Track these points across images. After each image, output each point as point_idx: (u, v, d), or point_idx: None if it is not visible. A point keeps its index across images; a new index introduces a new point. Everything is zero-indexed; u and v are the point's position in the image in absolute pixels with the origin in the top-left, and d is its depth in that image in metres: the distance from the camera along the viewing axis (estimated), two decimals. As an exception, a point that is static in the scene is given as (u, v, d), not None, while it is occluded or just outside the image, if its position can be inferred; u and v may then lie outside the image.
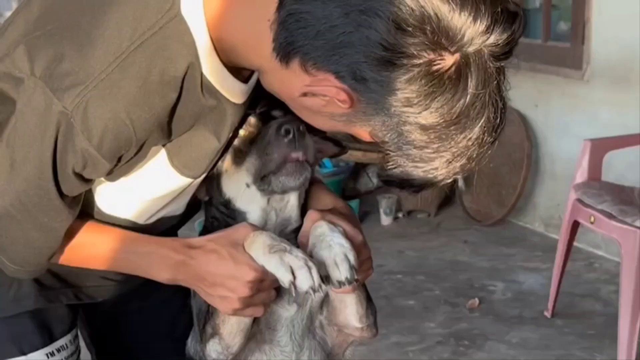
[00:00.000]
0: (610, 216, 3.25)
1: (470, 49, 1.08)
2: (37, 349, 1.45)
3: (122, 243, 1.35)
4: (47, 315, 1.47)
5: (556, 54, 4.56)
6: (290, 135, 1.34)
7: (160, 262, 1.34)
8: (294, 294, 1.30)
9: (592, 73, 4.33)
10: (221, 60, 1.22)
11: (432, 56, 1.07)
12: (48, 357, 1.46)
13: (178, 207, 1.44)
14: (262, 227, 1.38)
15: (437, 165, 1.16)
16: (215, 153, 1.33)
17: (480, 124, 1.13)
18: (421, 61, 1.06)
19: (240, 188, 1.42)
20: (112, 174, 1.27)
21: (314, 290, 1.27)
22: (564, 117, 4.55)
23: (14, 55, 1.20)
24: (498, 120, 1.15)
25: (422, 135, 1.12)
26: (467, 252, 4.55)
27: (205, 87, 1.22)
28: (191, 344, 1.53)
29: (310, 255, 1.32)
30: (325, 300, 1.49)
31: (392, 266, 4.31)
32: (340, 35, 1.08)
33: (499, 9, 1.08)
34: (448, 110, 1.10)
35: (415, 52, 1.06)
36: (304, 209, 1.47)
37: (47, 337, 1.46)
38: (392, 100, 1.10)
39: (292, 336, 1.49)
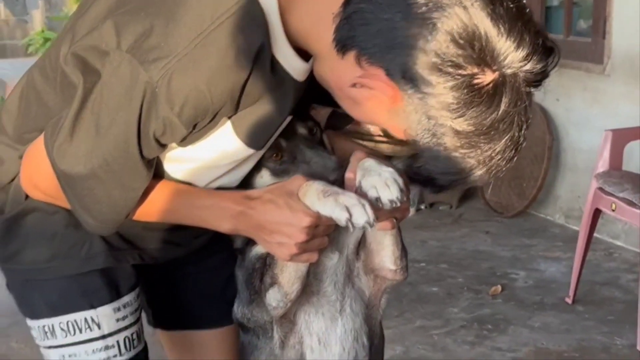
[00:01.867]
0: (631, 204, 3.35)
1: (509, 71, 1.21)
2: (105, 304, 1.56)
3: (189, 198, 1.46)
4: (115, 274, 1.58)
5: (577, 48, 4.66)
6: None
7: (222, 214, 1.45)
8: (351, 230, 1.41)
9: (613, 67, 4.43)
10: (289, 41, 1.33)
11: (475, 70, 1.20)
12: (114, 312, 1.57)
13: (235, 179, 1.54)
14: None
15: (460, 169, 1.29)
16: (275, 126, 1.44)
17: (505, 139, 1.26)
18: (466, 72, 1.19)
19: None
20: (184, 141, 1.38)
21: (370, 225, 1.37)
22: (584, 111, 4.65)
23: (102, 29, 1.31)
24: (521, 139, 1.28)
25: (453, 139, 1.24)
26: (488, 242, 4.65)
27: (274, 65, 1.33)
28: (238, 309, 1.64)
29: (360, 187, 1.43)
30: (362, 247, 1.60)
31: (415, 255, 4.41)
32: (399, 37, 1.20)
33: (539, 42, 1.23)
34: (481, 120, 1.23)
35: (462, 64, 1.19)
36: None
37: (115, 294, 1.58)
38: (434, 103, 1.22)
39: (335, 285, 1.60)
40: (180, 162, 1.46)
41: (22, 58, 7.49)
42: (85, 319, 1.54)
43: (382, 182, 1.42)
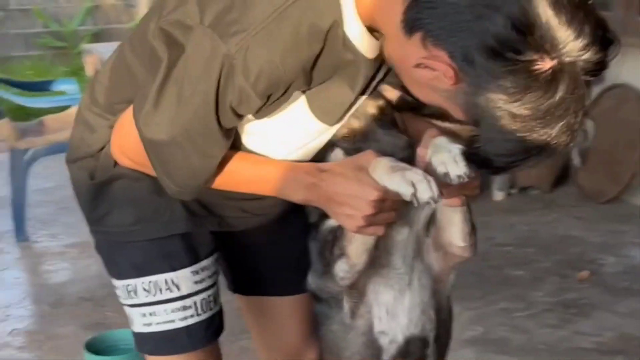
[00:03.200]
0: None
1: (567, 59, 1.25)
2: (184, 267, 1.66)
3: (264, 168, 1.54)
4: (194, 239, 1.67)
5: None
6: None
7: (295, 184, 1.52)
8: (416, 205, 1.46)
9: None
10: (360, 20, 1.39)
11: (535, 57, 1.24)
12: (193, 275, 1.67)
13: (308, 155, 1.61)
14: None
15: (516, 152, 1.33)
16: (349, 103, 1.50)
17: (560, 125, 1.29)
18: (525, 58, 1.24)
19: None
20: (259, 112, 1.46)
21: (434, 200, 1.43)
22: (682, 96, 4.54)
23: (186, 6, 1.40)
24: (576, 125, 1.31)
25: (510, 122, 1.29)
26: (579, 227, 4.60)
27: (346, 42, 1.39)
28: (311, 280, 1.72)
29: (430, 163, 1.48)
30: (431, 222, 1.66)
31: (502, 239, 4.40)
32: (463, 21, 1.25)
33: (600, 33, 1.26)
34: (537, 105, 1.27)
35: (522, 49, 1.23)
36: None
37: (194, 258, 1.67)
38: (493, 86, 1.27)
39: (404, 259, 1.66)
40: (257, 135, 1.54)
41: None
42: (166, 280, 1.64)
43: (451, 158, 1.46)
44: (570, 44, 1.24)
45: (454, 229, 1.64)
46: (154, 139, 1.44)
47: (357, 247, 1.59)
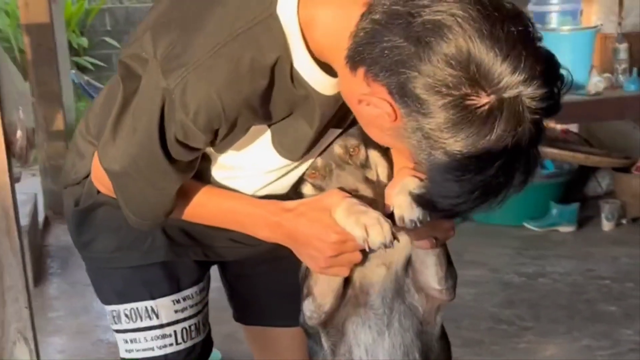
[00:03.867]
0: None
1: (506, 95, 1.21)
2: (164, 295, 1.70)
3: (230, 204, 1.56)
4: (176, 268, 1.71)
5: None
6: None
7: (260, 222, 1.54)
8: (367, 250, 1.45)
9: None
10: (312, 55, 1.39)
11: (468, 91, 1.21)
12: (174, 304, 1.70)
13: (281, 188, 1.62)
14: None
15: (457, 193, 1.29)
16: (307, 139, 1.50)
17: (499, 164, 1.25)
18: (458, 93, 1.21)
19: None
20: (218, 146, 1.48)
21: (386, 246, 1.42)
22: None
23: (143, 39, 1.44)
24: (519, 166, 1.27)
25: (446, 160, 1.26)
26: (691, 263, 4.34)
27: (295, 78, 1.40)
28: (300, 314, 1.71)
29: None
30: (410, 263, 1.62)
31: (601, 271, 4.21)
32: (397, 55, 1.25)
33: (540, 67, 1.22)
34: (473, 142, 1.24)
35: (455, 84, 1.21)
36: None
37: (175, 286, 1.70)
38: (427, 122, 1.25)
39: (383, 300, 1.63)
40: (227, 169, 1.57)
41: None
42: (146, 308, 1.68)
43: (407, 201, 1.45)
44: (506, 78, 1.20)
45: (428, 271, 1.61)
46: (108, 169, 1.48)
47: (322, 288, 1.59)
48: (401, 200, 1.46)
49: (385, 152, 1.61)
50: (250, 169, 1.56)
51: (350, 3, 1.34)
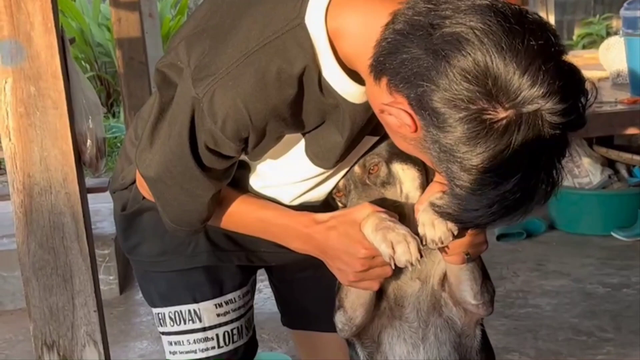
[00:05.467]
0: None
1: (524, 109, 1.20)
2: (207, 299, 1.74)
3: (263, 214, 1.59)
4: (220, 272, 1.75)
5: None
6: None
7: (291, 234, 1.56)
8: (393, 267, 1.45)
9: None
10: (342, 64, 1.40)
11: (485, 105, 1.20)
12: (216, 307, 1.74)
13: (318, 196, 1.63)
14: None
15: (477, 206, 1.28)
16: (339, 147, 1.51)
17: (515, 180, 1.23)
18: (475, 107, 1.20)
19: None
20: (251, 155, 1.50)
21: (411, 264, 1.41)
22: None
23: (178, 48, 1.47)
24: (534, 181, 1.25)
25: (464, 174, 1.25)
26: None
27: (324, 87, 1.41)
28: None
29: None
30: (445, 278, 1.61)
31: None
32: (416, 67, 1.25)
33: (560, 82, 1.20)
34: (489, 157, 1.22)
35: (472, 98, 1.20)
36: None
37: (218, 290, 1.74)
38: (444, 136, 1.25)
39: (418, 313, 1.63)
40: (263, 178, 1.59)
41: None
42: (189, 311, 1.73)
43: (430, 220, 1.44)
44: (525, 92, 1.19)
45: (462, 286, 1.60)
46: (145, 175, 1.53)
47: (352, 301, 1.60)
48: (424, 218, 1.46)
49: (414, 164, 1.60)
50: (286, 178, 1.58)
51: (378, 12, 1.34)
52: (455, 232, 1.44)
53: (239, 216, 1.59)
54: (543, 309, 3.73)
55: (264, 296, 3.71)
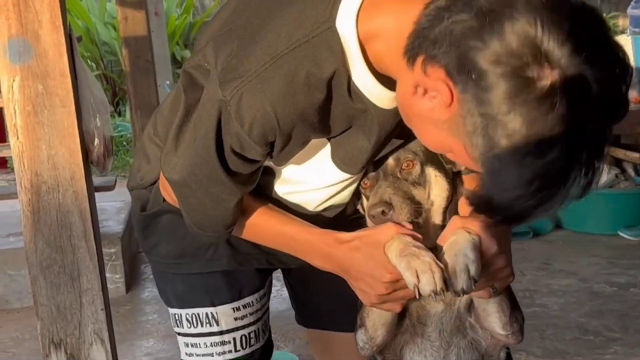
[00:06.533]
0: None
1: (569, 72, 1.16)
2: (225, 303, 1.72)
3: (287, 229, 1.57)
4: (238, 276, 1.73)
5: None
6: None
7: (313, 251, 1.55)
8: (417, 297, 1.41)
9: None
10: (371, 68, 1.36)
11: (530, 63, 1.16)
12: (234, 311, 1.73)
13: (342, 200, 1.61)
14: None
15: (517, 182, 1.22)
16: (366, 153, 1.48)
17: (558, 150, 1.18)
18: (519, 63, 1.17)
19: None
20: (277, 159, 1.47)
21: (436, 294, 1.37)
22: None
23: (206, 49, 1.44)
24: (580, 153, 1.20)
25: (505, 140, 1.20)
26: None
27: (353, 91, 1.38)
28: None
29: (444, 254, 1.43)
30: (472, 304, 1.59)
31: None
32: (460, 30, 1.21)
33: (608, 52, 1.19)
34: (532, 119, 1.17)
35: (516, 55, 1.17)
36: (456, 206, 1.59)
37: (236, 294, 1.73)
38: (486, 97, 1.19)
39: (441, 333, 1.61)
40: (289, 183, 1.57)
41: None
42: (206, 314, 1.72)
43: (452, 268, 1.40)
44: (570, 57, 1.16)
45: (491, 318, 1.58)
46: (170, 178, 1.50)
47: (373, 320, 1.59)
48: (448, 263, 1.41)
49: (446, 176, 1.57)
50: (312, 183, 1.56)
51: (411, 10, 1.30)
52: (478, 279, 1.40)
53: (262, 229, 1.58)
54: (550, 308, 3.72)
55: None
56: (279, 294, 3.55)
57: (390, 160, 1.56)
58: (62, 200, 2.22)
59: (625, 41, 4.06)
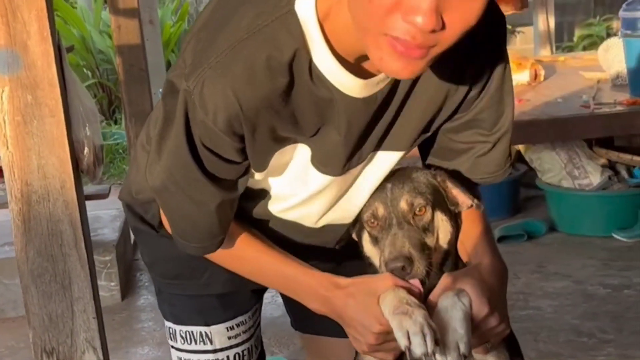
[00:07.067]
0: None
1: None
2: (218, 323, 1.73)
3: (282, 268, 1.56)
4: (232, 297, 1.74)
5: None
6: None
7: (310, 293, 1.55)
8: (408, 358, 1.40)
9: None
10: (335, 53, 1.34)
11: None
12: (227, 330, 1.74)
13: (342, 216, 1.60)
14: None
15: None
16: (339, 147, 1.44)
17: None
18: None
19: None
20: (254, 160, 1.43)
21: (426, 356, 1.36)
22: None
23: (184, 54, 1.41)
24: None
25: None
26: None
27: (315, 75, 1.35)
28: None
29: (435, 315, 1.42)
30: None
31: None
32: None
33: None
34: None
35: None
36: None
37: (230, 314, 1.74)
38: None
39: None
40: (280, 199, 1.56)
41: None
42: (200, 333, 1.73)
43: (442, 342, 1.39)
44: None
45: None
46: (153, 186, 1.48)
47: None
48: (445, 328, 1.40)
49: (450, 219, 1.56)
50: (301, 194, 1.54)
51: None
52: (468, 355, 1.39)
53: (258, 266, 1.57)
54: (544, 310, 3.74)
55: (265, 301, 3.69)
56: (274, 300, 3.56)
57: (404, 205, 1.52)
58: (53, 209, 2.23)
59: (617, 43, 4.06)
